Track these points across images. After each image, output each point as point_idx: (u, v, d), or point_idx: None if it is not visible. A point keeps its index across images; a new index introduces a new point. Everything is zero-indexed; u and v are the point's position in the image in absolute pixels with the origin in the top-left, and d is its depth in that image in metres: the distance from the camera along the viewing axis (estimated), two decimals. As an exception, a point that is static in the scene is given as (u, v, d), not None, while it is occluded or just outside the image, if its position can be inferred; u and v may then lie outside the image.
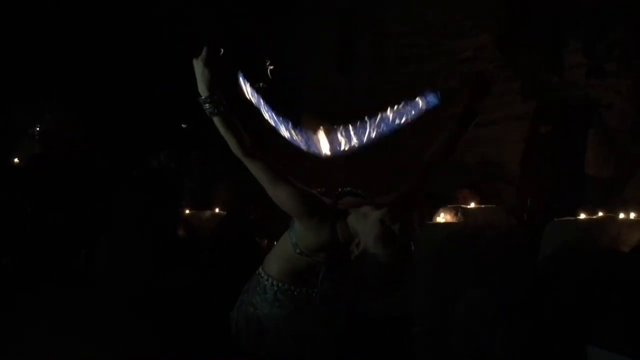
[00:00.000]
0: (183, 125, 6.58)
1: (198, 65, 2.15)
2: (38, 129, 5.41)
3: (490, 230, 4.63)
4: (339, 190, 2.49)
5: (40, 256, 4.20)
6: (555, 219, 4.44)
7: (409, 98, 2.41)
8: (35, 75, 5.83)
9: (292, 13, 6.86)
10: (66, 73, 5.99)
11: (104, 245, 4.17)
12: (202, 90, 2.16)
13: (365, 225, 2.27)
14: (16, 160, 5.43)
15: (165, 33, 6.46)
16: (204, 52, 2.15)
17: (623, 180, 5.13)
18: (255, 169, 2.25)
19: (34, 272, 4.06)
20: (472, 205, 4.88)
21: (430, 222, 4.78)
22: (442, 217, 4.77)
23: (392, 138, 2.38)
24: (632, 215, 4.31)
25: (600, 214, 4.44)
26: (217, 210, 6.24)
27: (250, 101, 2.31)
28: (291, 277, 2.48)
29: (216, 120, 2.18)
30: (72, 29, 6.05)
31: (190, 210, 6.26)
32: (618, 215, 4.34)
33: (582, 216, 4.43)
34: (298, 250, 2.38)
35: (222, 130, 2.19)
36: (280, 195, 2.27)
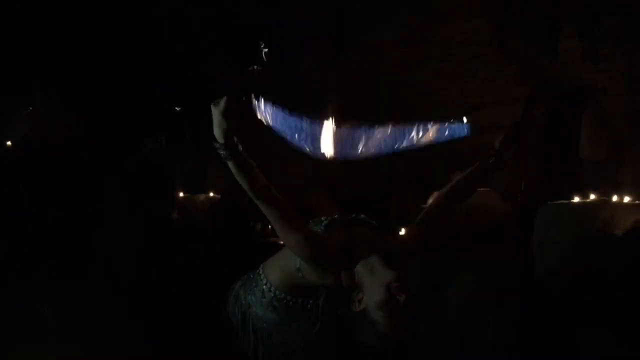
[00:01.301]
0: (177, 109, 6.54)
1: (216, 113, 2.07)
2: (30, 109, 5.40)
3: (483, 213, 4.64)
4: (352, 216, 2.47)
5: (37, 251, 4.18)
6: (549, 203, 4.45)
7: (439, 121, 2.35)
8: (27, 62, 5.79)
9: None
10: (60, 62, 5.95)
11: (101, 242, 4.19)
12: (218, 136, 2.09)
13: (370, 284, 2.21)
14: (9, 143, 5.41)
15: (165, 33, 6.42)
16: (223, 103, 2.06)
17: (616, 164, 5.14)
18: (267, 212, 2.20)
19: (29, 265, 4.03)
20: (466, 188, 4.87)
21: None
22: (436, 201, 4.76)
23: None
24: (626, 199, 4.33)
25: (594, 197, 4.45)
26: (211, 194, 6.25)
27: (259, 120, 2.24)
28: (290, 288, 2.47)
29: (231, 164, 2.13)
30: (68, 21, 6.00)
31: (184, 193, 6.27)
32: (611, 198, 4.36)
33: (576, 200, 4.44)
34: (301, 275, 2.37)
35: (236, 173, 2.14)
36: (290, 240, 2.23)
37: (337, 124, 2.27)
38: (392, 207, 5.99)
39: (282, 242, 2.46)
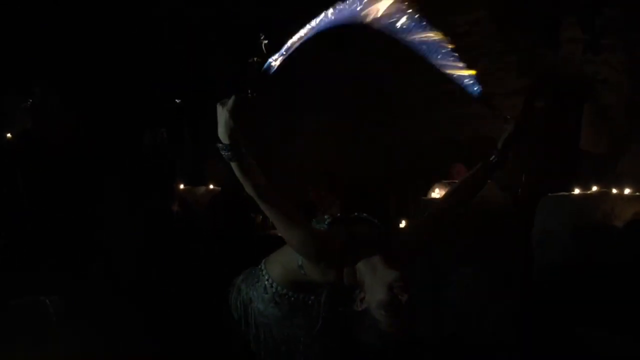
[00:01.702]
0: (177, 101, 6.53)
1: (222, 113, 2.05)
2: (30, 102, 5.39)
3: (484, 205, 4.63)
4: (355, 215, 2.47)
5: (36, 251, 4.18)
6: (550, 195, 4.45)
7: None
8: (28, 60, 5.79)
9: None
10: (60, 62, 5.94)
11: (101, 241, 4.19)
12: (223, 136, 2.07)
13: (372, 283, 2.21)
14: (9, 135, 5.41)
15: (165, 33, 6.41)
16: (231, 102, 2.03)
17: (617, 156, 5.14)
18: (269, 212, 2.18)
19: (29, 264, 4.03)
20: (467, 180, 4.86)
21: (424, 198, 4.78)
22: (436, 193, 4.78)
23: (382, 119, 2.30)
24: (626, 191, 4.33)
25: (594, 189, 4.45)
26: (211, 186, 6.26)
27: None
28: (292, 284, 2.47)
29: (234, 165, 2.11)
30: (69, 21, 5.99)
31: (184, 186, 6.27)
32: (612, 190, 4.36)
33: (576, 191, 4.44)
34: (303, 272, 2.36)
35: (238, 174, 2.12)
36: (292, 239, 2.23)
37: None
38: (392, 200, 5.98)
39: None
